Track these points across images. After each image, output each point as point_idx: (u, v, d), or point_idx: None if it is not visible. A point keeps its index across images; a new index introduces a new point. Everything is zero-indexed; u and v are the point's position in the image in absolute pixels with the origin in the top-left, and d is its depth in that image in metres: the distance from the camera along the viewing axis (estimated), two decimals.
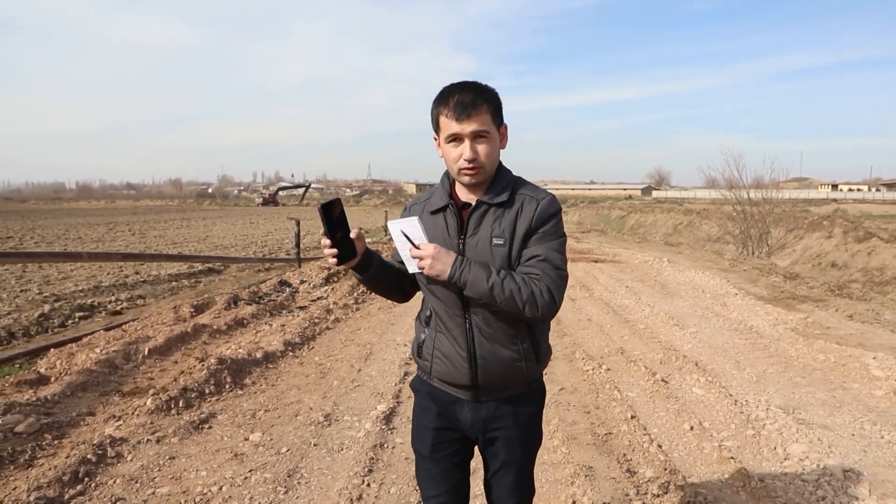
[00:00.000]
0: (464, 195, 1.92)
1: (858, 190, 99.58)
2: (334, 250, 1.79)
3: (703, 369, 5.53)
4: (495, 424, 1.95)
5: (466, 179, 1.83)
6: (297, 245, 14.00)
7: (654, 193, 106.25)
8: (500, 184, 1.88)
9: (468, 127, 1.76)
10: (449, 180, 1.96)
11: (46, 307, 9.71)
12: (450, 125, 1.78)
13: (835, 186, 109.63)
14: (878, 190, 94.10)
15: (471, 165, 1.79)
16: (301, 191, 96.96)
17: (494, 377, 1.89)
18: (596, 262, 14.35)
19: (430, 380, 2.02)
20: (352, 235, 1.83)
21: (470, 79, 1.85)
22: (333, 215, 1.77)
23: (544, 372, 4.75)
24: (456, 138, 1.79)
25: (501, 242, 1.83)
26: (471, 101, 1.77)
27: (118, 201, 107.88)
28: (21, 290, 11.57)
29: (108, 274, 13.77)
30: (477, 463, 2.17)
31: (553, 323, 7.40)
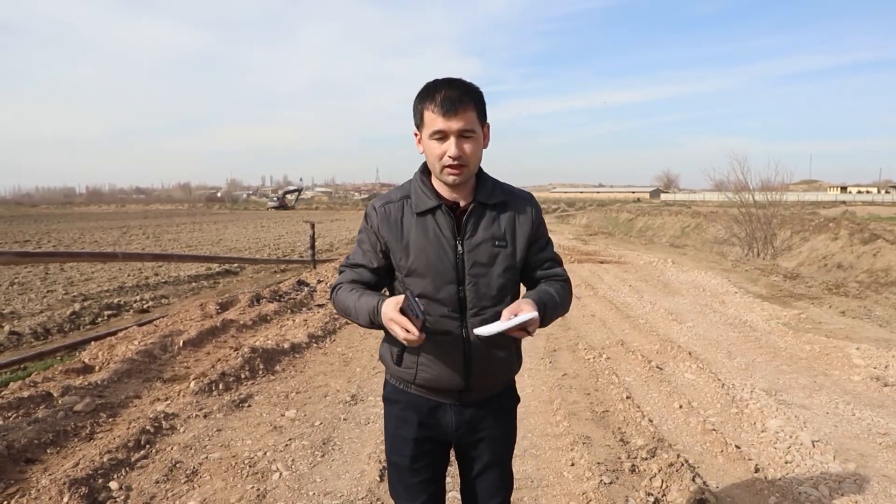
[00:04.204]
0: (447, 194, 1.87)
1: (868, 192, 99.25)
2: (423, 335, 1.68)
3: (696, 358, 5.99)
4: (480, 425, 1.96)
5: (450, 179, 1.79)
6: (312, 247, 14.53)
7: (663, 196, 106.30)
8: (487, 185, 1.89)
9: (455, 124, 1.73)
10: (427, 178, 1.90)
11: (77, 306, 10.24)
12: (435, 121, 1.73)
13: (844, 188, 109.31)
14: (887, 192, 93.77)
15: (456, 163, 1.75)
16: (296, 193, 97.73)
17: (485, 379, 1.91)
18: (602, 263, 14.79)
19: (408, 388, 1.96)
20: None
21: (477, 82, 1.84)
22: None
23: (549, 361, 5.33)
24: (441, 135, 1.75)
25: (504, 244, 1.85)
26: (458, 97, 1.73)
27: (128, 205, 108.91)
28: (48, 291, 12.10)
29: (128, 275, 14.29)
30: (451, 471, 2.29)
31: (558, 318, 7.87)
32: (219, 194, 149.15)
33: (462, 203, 1.86)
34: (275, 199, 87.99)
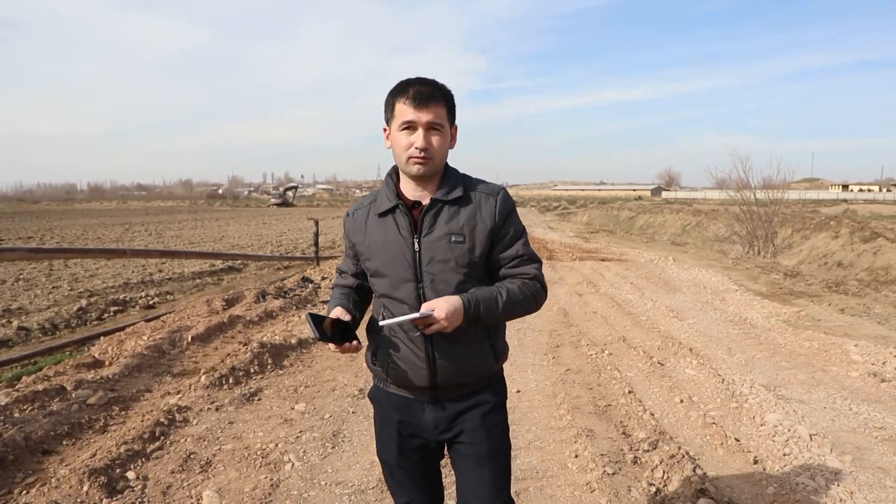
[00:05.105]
0: (411, 193, 1.90)
1: (869, 190, 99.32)
2: (352, 344, 1.80)
3: (696, 354, 6.09)
4: (460, 422, 1.94)
5: (415, 169, 1.81)
6: (316, 244, 14.63)
7: (664, 194, 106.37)
8: (450, 181, 1.89)
9: (424, 116, 1.77)
10: (394, 180, 1.94)
11: (83, 302, 10.35)
12: (406, 112, 1.78)
13: (845, 187, 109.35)
14: (888, 190, 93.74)
15: (422, 154, 1.78)
16: (293, 189, 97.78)
17: (453, 377, 1.89)
18: (603, 260, 14.88)
19: (386, 387, 2.00)
20: (339, 317, 1.84)
21: (480, 79, 1.84)
22: (327, 327, 1.78)
23: (552, 357, 5.39)
24: (410, 126, 1.79)
25: (461, 239, 1.83)
26: (430, 93, 1.79)
27: (129, 202, 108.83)
28: (53, 287, 12.18)
29: (132, 272, 14.37)
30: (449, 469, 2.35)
31: (561, 315, 7.97)
32: (220, 191, 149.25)
33: (424, 202, 1.88)
34: (277, 196, 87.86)
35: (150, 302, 10.96)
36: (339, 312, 1.82)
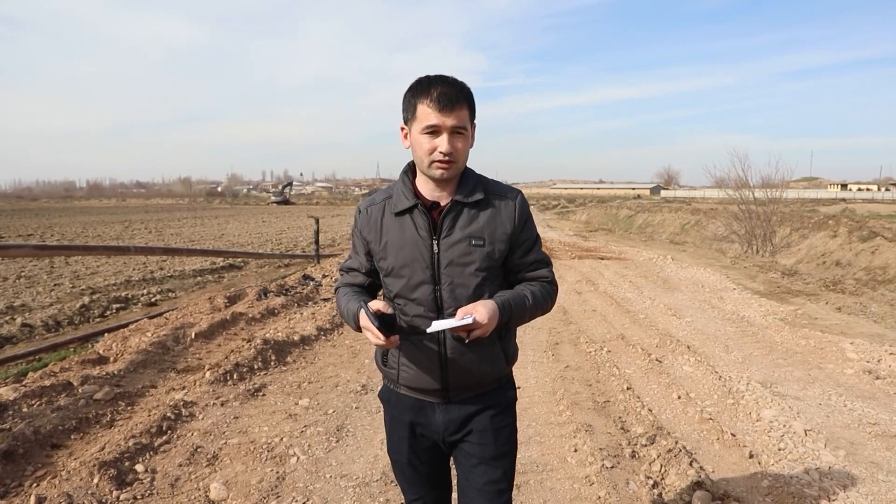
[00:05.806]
0: (429, 193, 1.87)
1: (868, 189, 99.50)
2: (394, 338, 1.73)
3: (694, 351, 6.17)
4: (469, 421, 1.94)
5: (438, 174, 1.78)
6: (317, 242, 14.71)
7: (663, 193, 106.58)
8: (469, 183, 1.87)
9: (449, 121, 1.73)
10: (410, 178, 1.91)
11: (86, 299, 10.42)
12: (430, 116, 1.74)
13: (844, 186, 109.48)
14: (887, 189, 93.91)
15: (447, 159, 1.76)
16: (288, 186, 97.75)
17: (465, 379, 1.89)
18: (602, 259, 14.96)
19: (397, 388, 1.99)
20: (382, 309, 1.73)
21: (480, 78, 1.83)
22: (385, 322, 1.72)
23: (551, 354, 5.49)
24: (434, 130, 1.75)
25: (481, 243, 1.82)
26: (454, 95, 1.74)
27: (129, 199, 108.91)
28: (55, 285, 12.25)
29: (133, 269, 14.44)
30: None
31: (560, 313, 8.04)
32: (219, 189, 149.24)
33: (443, 202, 1.85)
34: (276, 194, 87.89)
35: (153, 299, 11.04)
36: (381, 305, 1.75)
